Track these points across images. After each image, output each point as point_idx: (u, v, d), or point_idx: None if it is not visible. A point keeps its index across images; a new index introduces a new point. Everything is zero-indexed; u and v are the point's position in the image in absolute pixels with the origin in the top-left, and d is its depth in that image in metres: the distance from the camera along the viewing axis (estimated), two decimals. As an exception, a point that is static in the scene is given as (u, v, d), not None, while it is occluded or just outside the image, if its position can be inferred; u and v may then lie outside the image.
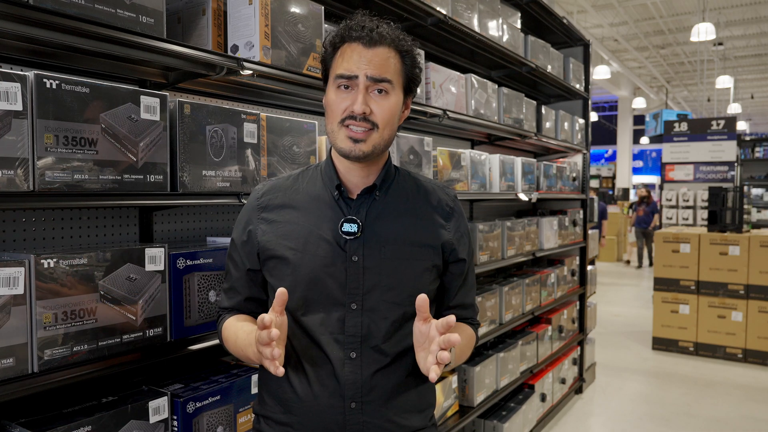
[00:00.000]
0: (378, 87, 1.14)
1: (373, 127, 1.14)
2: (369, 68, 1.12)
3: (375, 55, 1.13)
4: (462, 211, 1.34)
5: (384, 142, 1.17)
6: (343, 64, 1.14)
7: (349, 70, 1.13)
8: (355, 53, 1.14)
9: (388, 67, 1.15)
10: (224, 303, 1.31)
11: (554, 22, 3.92)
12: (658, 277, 5.65)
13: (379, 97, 1.14)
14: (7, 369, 1.15)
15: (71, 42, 1.30)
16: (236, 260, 1.27)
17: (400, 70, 1.18)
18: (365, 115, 1.12)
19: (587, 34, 10.61)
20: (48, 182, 1.21)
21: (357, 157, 1.15)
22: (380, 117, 1.14)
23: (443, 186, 1.35)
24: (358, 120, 1.13)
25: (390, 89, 1.15)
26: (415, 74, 1.22)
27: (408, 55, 1.19)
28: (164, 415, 1.44)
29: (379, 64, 1.13)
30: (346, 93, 1.14)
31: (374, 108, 1.14)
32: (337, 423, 1.16)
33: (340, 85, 1.15)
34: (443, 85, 2.60)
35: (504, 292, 3.12)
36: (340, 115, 1.14)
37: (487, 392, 2.99)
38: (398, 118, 1.20)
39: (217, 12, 1.68)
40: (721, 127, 7.86)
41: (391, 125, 1.17)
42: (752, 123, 24.77)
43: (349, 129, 1.14)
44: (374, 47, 1.14)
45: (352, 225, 1.18)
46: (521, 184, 3.33)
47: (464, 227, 1.32)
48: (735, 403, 4.23)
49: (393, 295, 1.18)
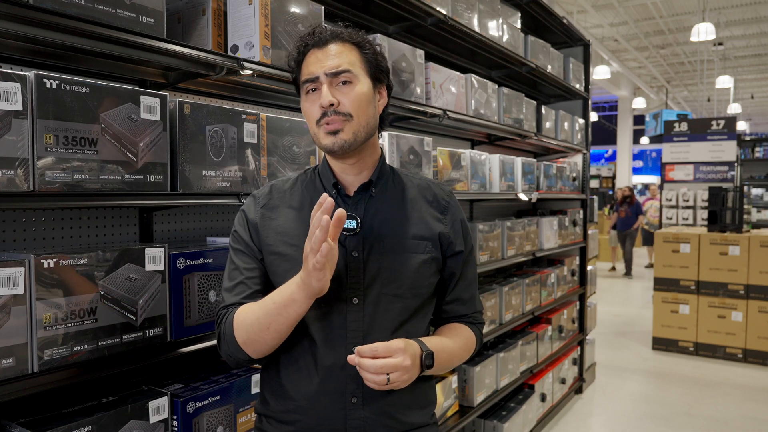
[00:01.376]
0: (340, 79, 1.17)
1: (347, 118, 1.16)
2: (325, 64, 1.16)
3: (328, 51, 1.18)
4: (458, 206, 1.35)
5: (364, 129, 1.19)
6: (305, 70, 1.19)
7: (310, 73, 1.18)
8: (311, 57, 1.19)
9: (345, 59, 1.18)
10: (230, 300, 1.21)
11: (554, 22, 3.92)
12: (658, 277, 5.65)
13: (345, 87, 1.17)
14: (7, 369, 1.15)
15: (71, 42, 1.30)
16: (246, 252, 1.23)
17: (361, 60, 1.21)
18: (334, 106, 1.15)
19: (587, 34, 10.61)
20: (48, 182, 1.21)
21: (341, 147, 1.16)
22: (350, 105, 1.16)
23: (438, 182, 1.38)
24: (330, 114, 1.15)
25: (352, 78, 1.18)
26: (379, 62, 1.24)
27: (365, 45, 1.22)
28: (164, 415, 1.44)
29: (334, 58, 1.17)
30: (314, 95, 1.18)
31: (341, 98, 1.16)
32: (338, 418, 1.16)
33: (308, 91, 1.19)
34: (443, 85, 2.60)
35: (504, 292, 3.12)
36: (315, 115, 1.18)
37: (487, 392, 2.99)
38: (374, 106, 1.22)
39: (217, 12, 1.68)
40: (721, 127, 7.86)
41: (365, 112, 1.19)
42: (752, 123, 24.77)
43: (327, 125, 1.16)
44: (326, 46, 1.18)
45: (351, 221, 1.19)
46: (521, 184, 3.33)
47: (461, 221, 1.34)
48: (735, 403, 4.23)
49: (394, 288, 1.20)
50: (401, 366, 1.08)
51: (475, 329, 1.37)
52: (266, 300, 1.14)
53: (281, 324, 1.11)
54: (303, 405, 1.18)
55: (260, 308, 1.13)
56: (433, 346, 1.18)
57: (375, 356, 1.08)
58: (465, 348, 1.32)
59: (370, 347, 1.08)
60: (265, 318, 1.11)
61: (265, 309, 1.12)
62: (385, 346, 1.08)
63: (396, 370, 1.08)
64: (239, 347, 1.16)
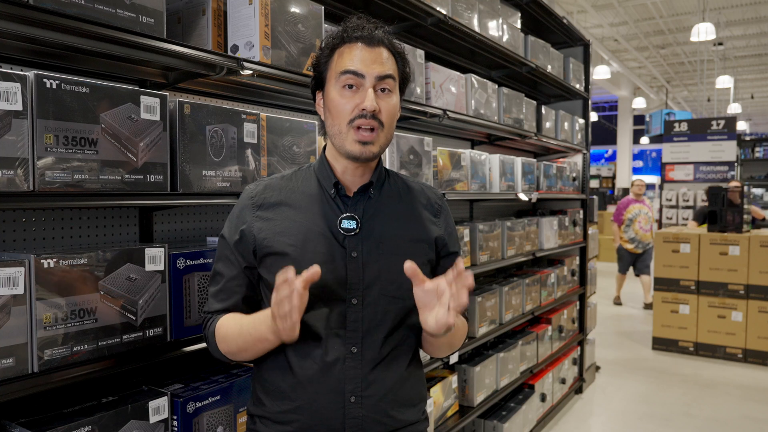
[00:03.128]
0: (382, 86, 1.17)
1: (380, 126, 1.16)
2: (375, 66, 1.15)
3: (378, 54, 1.17)
4: (448, 209, 1.40)
5: (387, 141, 1.21)
6: (348, 62, 1.15)
7: (357, 68, 1.15)
8: (358, 52, 1.16)
9: (391, 66, 1.19)
10: (214, 306, 1.24)
11: (554, 22, 3.92)
12: (658, 277, 5.65)
13: (384, 95, 1.17)
14: (7, 369, 1.15)
15: (71, 42, 1.30)
16: (230, 259, 1.24)
17: (398, 71, 1.22)
18: (375, 112, 1.14)
19: (587, 34, 10.61)
20: (48, 182, 1.21)
21: (367, 158, 1.18)
22: (386, 115, 1.17)
23: (430, 186, 1.40)
24: (368, 118, 1.14)
25: (393, 87, 1.19)
26: (407, 74, 1.26)
27: (401, 57, 1.23)
28: (164, 415, 1.44)
29: (384, 63, 1.17)
30: (351, 93, 1.16)
31: (382, 106, 1.16)
32: (336, 418, 1.16)
33: (345, 85, 1.16)
34: (443, 85, 2.60)
35: (504, 292, 3.12)
36: (348, 114, 1.15)
37: (487, 392, 2.99)
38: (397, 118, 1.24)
39: (217, 12, 1.68)
40: (721, 127, 7.86)
41: (392, 125, 1.21)
42: (752, 123, 24.77)
43: (359, 132, 1.15)
44: (376, 47, 1.17)
45: (351, 222, 1.20)
46: (521, 184, 3.33)
47: (452, 223, 1.39)
48: (735, 403, 4.23)
49: (393, 289, 1.20)
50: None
51: (465, 320, 1.39)
52: (245, 325, 1.17)
53: (258, 351, 1.18)
54: (301, 405, 1.18)
55: (239, 332, 1.18)
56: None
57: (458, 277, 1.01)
58: (461, 333, 1.33)
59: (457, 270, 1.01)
60: (243, 343, 1.17)
61: (243, 335, 1.17)
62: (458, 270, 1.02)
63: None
64: (223, 355, 1.24)
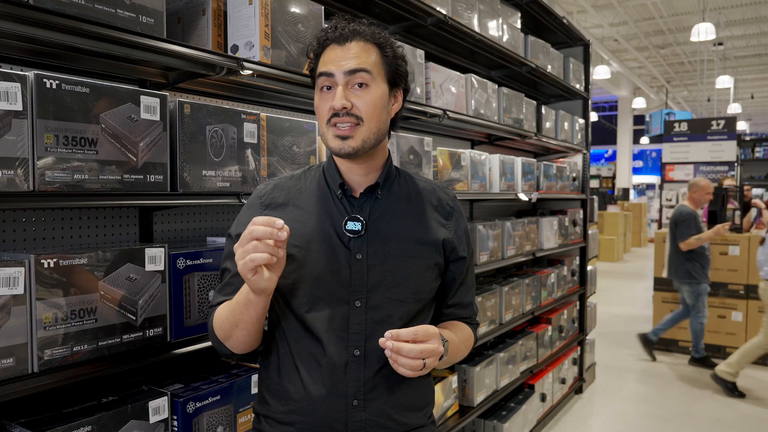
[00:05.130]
0: (357, 81, 1.14)
1: (358, 122, 1.14)
2: (343, 63, 1.14)
3: (348, 50, 1.15)
4: (461, 211, 1.35)
5: (373, 135, 1.17)
6: (322, 65, 1.17)
7: (328, 69, 1.15)
8: (331, 53, 1.16)
9: (364, 59, 1.15)
10: (218, 299, 1.25)
11: (554, 22, 3.92)
12: (658, 277, 5.65)
13: (360, 90, 1.15)
14: (7, 369, 1.15)
15: (71, 42, 1.30)
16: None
17: (380, 61, 1.18)
18: (347, 109, 1.13)
19: (587, 34, 10.61)
20: (48, 182, 1.21)
21: (348, 153, 1.15)
22: (363, 110, 1.14)
23: (443, 186, 1.37)
24: (341, 116, 1.14)
25: (369, 80, 1.15)
26: (399, 65, 1.22)
27: (387, 47, 1.20)
28: (164, 415, 1.44)
29: (352, 58, 1.14)
30: (328, 94, 1.16)
31: (355, 102, 1.14)
32: (339, 420, 1.16)
33: (322, 87, 1.17)
34: (443, 85, 2.60)
35: (504, 292, 3.12)
36: (326, 115, 1.16)
37: (487, 392, 2.99)
38: (387, 111, 1.20)
39: (217, 12, 1.68)
40: (721, 127, 7.86)
41: (377, 118, 1.17)
42: (752, 123, 24.78)
43: (336, 128, 1.15)
44: (347, 43, 1.16)
45: (356, 223, 1.19)
46: (521, 184, 3.33)
47: (464, 226, 1.34)
48: (735, 403, 4.23)
49: (397, 292, 1.19)
50: (436, 351, 1.09)
51: (473, 329, 1.38)
52: (232, 300, 1.16)
53: (246, 322, 1.13)
54: (304, 406, 1.18)
55: (229, 307, 1.16)
56: (446, 336, 1.20)
57: (415, 341, 1.07)
58: (466, 345, 1.33)
59: (408, 331, 1.07)
60: (233, 316, 1.14)
61: (231, 308, 1.15)
62: (425, 330, 1.08)
63: (432, 355, 1.08)
64: (220, 342, 1.20)
